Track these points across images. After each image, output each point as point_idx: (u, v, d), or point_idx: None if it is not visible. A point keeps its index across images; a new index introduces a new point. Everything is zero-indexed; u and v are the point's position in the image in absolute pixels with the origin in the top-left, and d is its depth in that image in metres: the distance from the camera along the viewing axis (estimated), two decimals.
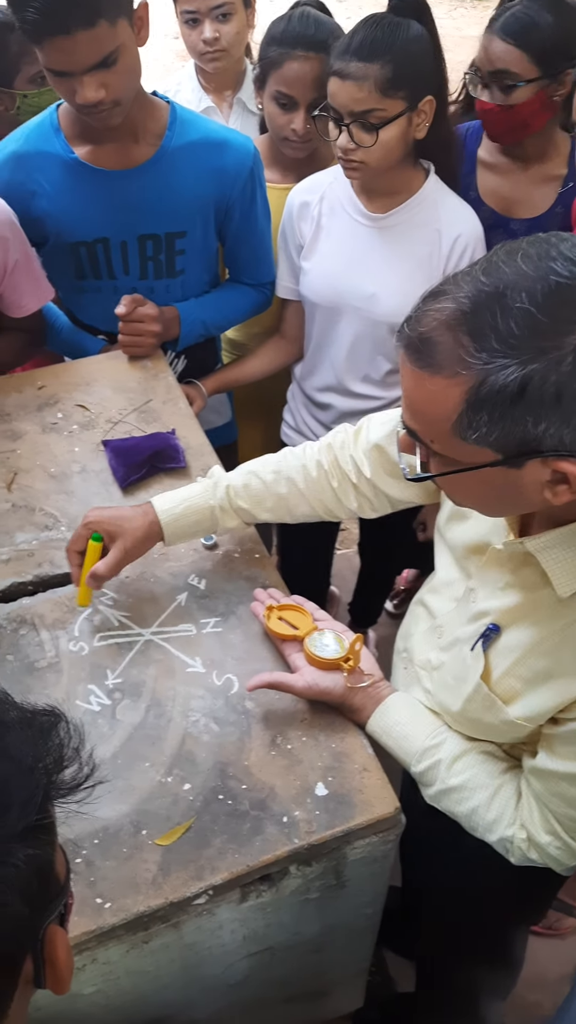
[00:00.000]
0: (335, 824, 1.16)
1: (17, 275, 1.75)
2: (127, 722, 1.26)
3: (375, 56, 1.58)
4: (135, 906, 1.08)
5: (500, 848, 1.18)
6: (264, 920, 1.22)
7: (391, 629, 2.92)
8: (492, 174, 1.99)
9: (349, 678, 1.25)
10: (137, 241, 1.83)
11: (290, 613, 1.34)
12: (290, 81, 1.87)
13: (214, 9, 2.15)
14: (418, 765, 1.22)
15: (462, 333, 0.86)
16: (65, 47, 1.46)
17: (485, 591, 1.14)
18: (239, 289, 2.03)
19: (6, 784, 0.61)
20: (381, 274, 1.82)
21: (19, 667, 1.33)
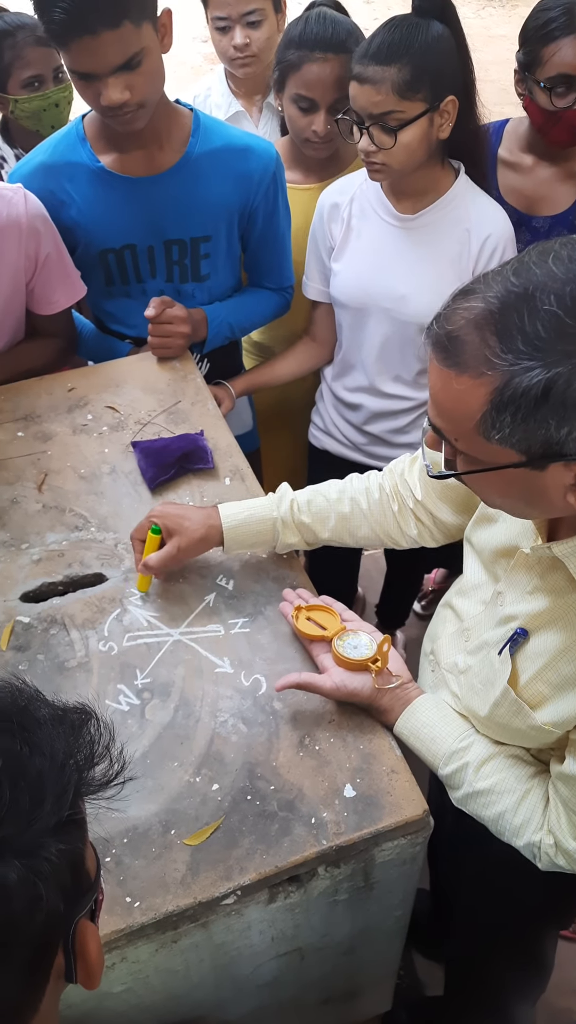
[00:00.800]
0: (364, 826, 1.16)
1: (49, 269, 1.76)
2: (156, 722, 1.27)
3: (392, 59, 1.58)
4: (164, 905, 1.09)
5: (527, 853, 1.17)
6: (293, 921, 1.22)
7: (419, 630, 2.91)
8: (513, 173, 1.98)
9: (377, 679, 1.25)
10: (163, 246, 1.84)
11: (318, 613, 1.34)
12: (310, 83, 1.87)
13: (245, 15, 2.15)
14: (446, 768, 1.21)
15: (489, 333, 0.86)
16: (91, 47, 1.48)
17: (513, 595, 1.13)
18: (261, 293, 2.05)
19: (39, 779, 0.61)
20: (411, 275, 1.82)
21: (49, 666, 1.34)
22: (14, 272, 1.72)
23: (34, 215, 1.69)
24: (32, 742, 0.63)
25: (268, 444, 2.39)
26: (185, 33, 6.14)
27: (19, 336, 1.86)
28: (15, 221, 1.66)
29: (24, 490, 1.61)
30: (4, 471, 1.65)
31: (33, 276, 1.76)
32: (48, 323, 1.86)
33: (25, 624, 1.40)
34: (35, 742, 0.63)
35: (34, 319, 1.85)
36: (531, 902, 1.40)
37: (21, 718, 0.65)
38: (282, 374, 2.12)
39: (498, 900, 1.44)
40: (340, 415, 2.11)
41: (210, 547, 1.42)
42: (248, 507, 1.42)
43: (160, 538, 1.39)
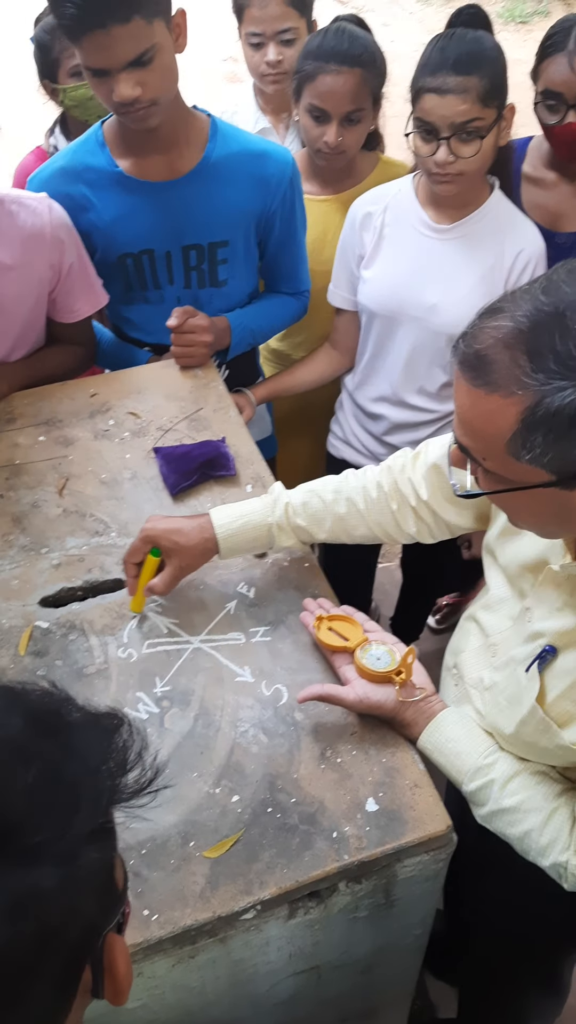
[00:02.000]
0: (386, 841, 1.13)
1: (72, 278, 1.76)
2: (175, 731, 1.25)
3: (473, 68, 1.61)
4: (183, 919, 1.06)
5: (553, 873, 1.14)
6: (312, 938, 1.19)
7: (433, 644, 2.88)
8: (537, 188, 1.98)
9: (401, 692, 1.23)
10: (181, 251, 1.84)
11: (340, 624, 1.32)
12: (323, 94, 1.89)
13: (279, 33, 2.17)
14: (470, 784, 1.19)
15: (520, 352, 0.85)
16: (102, 43, 1.49)
17: (541, 611, 1.11)
18: (279, 298, 2.05)
19: (75, 784, 0.60)
20: (443, 285, 1.81)
21: (68, 672, 1.32)
22: (38, 281, 1.72)
23: (58, 225, 1.69)
24: (67, 746, 0.61)
25: (285, 451, 2.38)
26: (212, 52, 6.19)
27: (40, 344, 1.86)
28: (39, 231, 1.66)
29: (45, 494, 1.60)
30: (25, 475, 1.64)
31: (56, 285, 1.75)
32: (69, 331, 1.86)
33: (44, 629, 1.38)
34: (70, 746, 0.61)
35: (54, 327, 1.85)
36: (551, 924, 1.37)
37: (55, 721, 0.63)
38: (303, 381, 2.12)
39: (519, 921, 1.41)
40: (360, 425, 2.10)
41: (210, 558, 1.39)
42: (241, 513, 1.39)
43: (160, 560, 1.36)
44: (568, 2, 7.51)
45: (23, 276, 1.68)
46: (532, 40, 1.88)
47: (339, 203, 2.06)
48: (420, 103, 1.66)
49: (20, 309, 1.73)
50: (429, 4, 7.70)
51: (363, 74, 1.87)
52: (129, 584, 1.38)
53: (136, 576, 1.37)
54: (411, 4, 7.73)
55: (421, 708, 1.23)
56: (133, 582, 1.37)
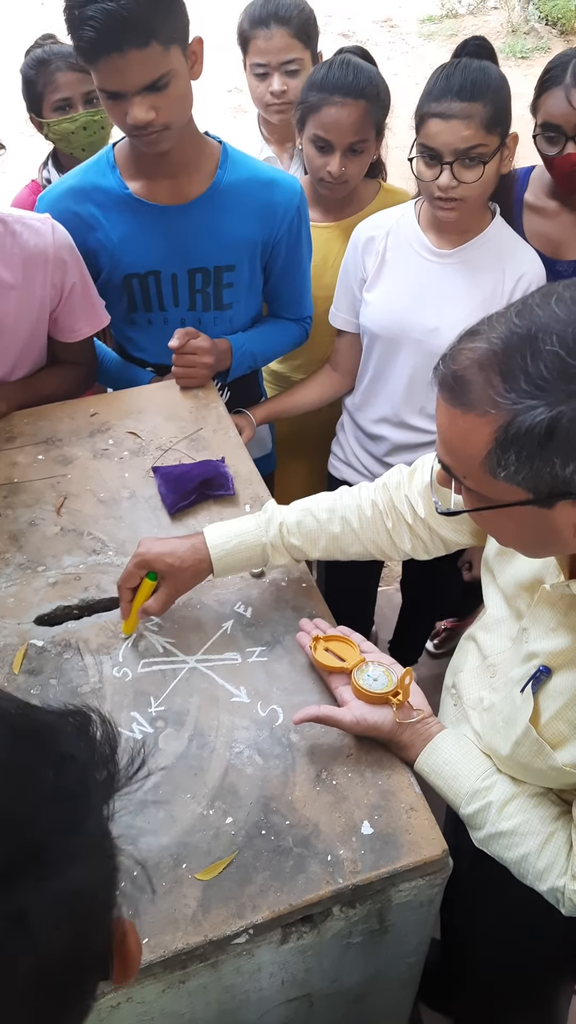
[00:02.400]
0: (381, 865, 1.12)
1: (74, 299, 1.77)
2: (169, 751, 1.24)
3: (477, 96, 1.63)
4: (174, 943, 1.05)
5: (551, 898, 1.13)
6: (304, 964, 1.17)
7: (432, 669, 2.87)
8: (539, 217, 2.00)
9: (398, 713, 1.22)
10: (187, 274, 1.85)
11: (337, 644, 1.32)
12: (327, 125, 1.91)
13: (284, 64, 2.20)
14: (467, 807, 1.18)
15: (493, 373, 0.87)
16: (118, 66, 1.50)
17: (537, 631, 1.11)
18: (282, 323, 2.06)
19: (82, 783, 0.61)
20: (444, 308, 1.83)
21: (62, 691, 1.31)
22: (40, 301, 1.73)
23: (61, 245, 1.70)
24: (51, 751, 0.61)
25: (284, 472, 2.38)
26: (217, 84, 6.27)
27: (41, 363, 1.86)
28: (42, 251, 1.68)
29: (43, 512, 1.60)
30: (23, 493, 1.63)
31: (58, 305, 1.76)
32: (70, 351, 1.87)
33: (39, 648, 1.38)
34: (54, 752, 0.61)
35: (56, 346, 1.86)
36: (548, 952, 1.35)
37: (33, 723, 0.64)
38: (303, 403, 2.13)
39: (513, 950, 1.39)
40: (361, 446, 2.10)
41: (203, 579, 1.38)
42: (235, 533, 1.38)
43: (154, 583, 1.35)
44: (568, 38, 7.64)
45: (24, 295, 1.69)
46: (532, 75, 1.92)
47: (341, 230, 2.09)
48: (424, 128, 1.69)
49: (21, 328, 1.74)
50: (431, 39, 7.84)
51: (367, 106, 1.90)
52: (123, 608, 1.37)
53: (131, 600, 1.36)
54: (413, 39, 7.87)
55: (418, 730, 1.23)
56: (127, 606, 1.36)
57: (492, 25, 7.92)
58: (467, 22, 8.06)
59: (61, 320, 1.79)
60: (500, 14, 8.04)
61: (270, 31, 2.17)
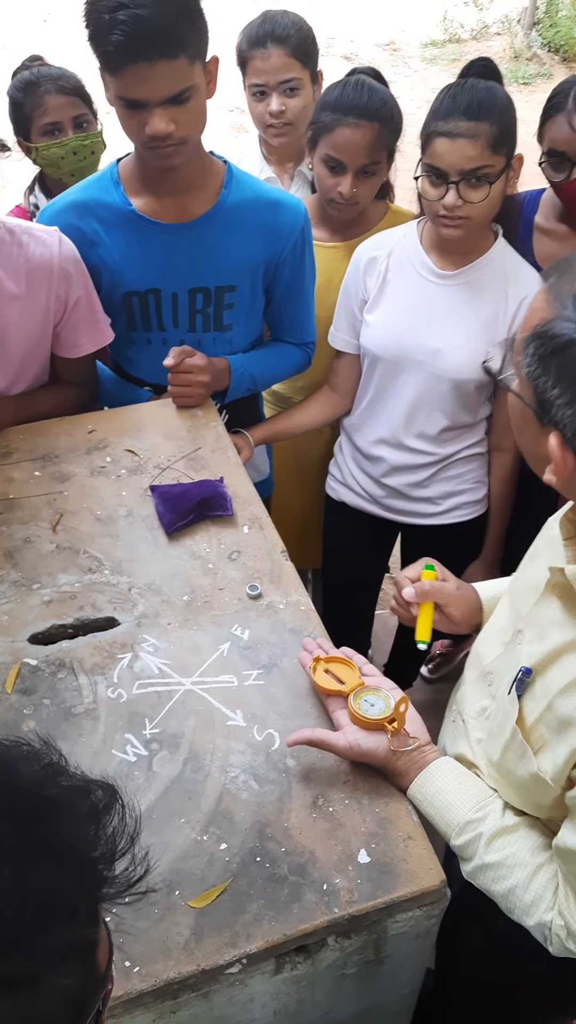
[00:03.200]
0: (377, 895, 1.10)
1: (78, 313, 1.76)
2: (164, 775, 1.22)
3: (483, 116, 1.64)
4: (165, 972, 1.03)
5: (538, 935, 1.10)
6: (297, 995, 1.15)
7: (426, 694, 2.85)
8: (549, 240, 2.01)
9: (393, 740, 1.20)
10: (188, 294, 1.85)
11: (337, 666, 1.30)
12: (340, 146, 1.91)
13: (282, 84, 2.20)
14: (458, 838, 1.16)
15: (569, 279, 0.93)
16: (145, 76, 1.49)
17: (531, 632, 1.11)
18: (283, 347, 2.05)
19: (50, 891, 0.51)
20: (447, 330, 1.83)
21: (56, 712, 1.30)
22: (43, 313, 1.72)
23: (67, 258, 1.70)
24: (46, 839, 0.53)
25: (281, 495, 2.37)
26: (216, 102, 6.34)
27: (43, 379, 1.85)
28: (47, 263, 1.67)
29: (38, 530, 1.58)
30: (19, 510, 1.62)
31: (62, 319, 1.76)
32: (71, 368, 1.86)
33: (32, 667, 1.36)
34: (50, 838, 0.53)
35: (57, 363, 1.85)
36: (537, 987, 1.32)
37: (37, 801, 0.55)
38: (301, 424, 2.12)
39: (502, 983, 1.37)
40: (359, 467, 2.10)
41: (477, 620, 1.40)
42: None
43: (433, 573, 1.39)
44: (570, 64, 7.72)
45: (28, 306, 1.69)
46: (535, 101, 1.94)
47: (347, 250, 2.08)
48: (431, 147, 1.69)
49: (23, 340, 1.73)
50: (434, 63, 7.92)
51: (380, 128, 1.90)
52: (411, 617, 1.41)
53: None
54: (416, 63, 7.94)
55: (413, 758, 1.21)
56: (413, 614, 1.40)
57: (495, 51, 8.00)
58: (470, 47, 8.15)
59: (64, 335, 1.78)
60: (503, 40, 8.13)
61: (267, 51, 2.17)
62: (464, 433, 1.98)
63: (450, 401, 1.90)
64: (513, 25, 8.17)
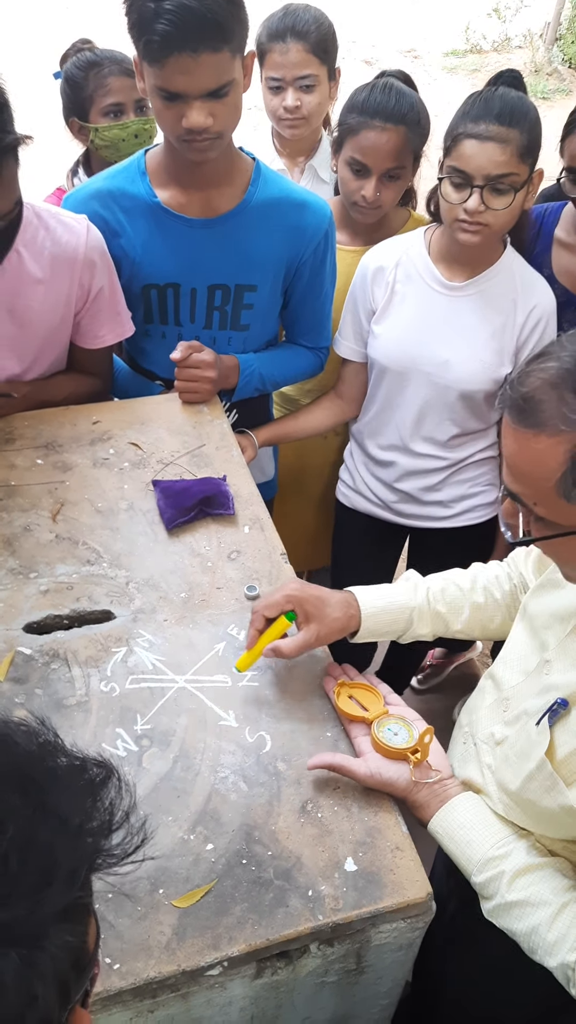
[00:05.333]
0: (363, 904, 1.09)
1: (100, 303, 1.75)
2: (153, 772, 1.21)
3: (515, 122, 1.63)
4: (145, 971, 1.02)
5: (560, 976, 1.07)
6: (276, 1000, 1.14)
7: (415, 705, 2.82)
8: (568, 254, 2.00)
9: (415, 772, 1.19)
10: (207, 290, 1.83)
11: (361, 692, 1.30)
12: (365, 149, 1.90)
13: (299, 79, 2.19)
14: (479, 875, 1.14)
15: (566, 391, 0.86)
16: (188, 67, 1.47)
17: (562, 663, 1.09)
18: (297, 350, 2.03)
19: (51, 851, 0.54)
20: (455, 341, 1.82)
21: (47, 702, 1.29)
22: (65, 299, 1.71)
23: (93, 247, 1.69)
24: (46, 804, 0.55)
25: (286, 499, 2.37)
26: None
27: (60, 367, 1.84)
28: (73, 250, 1.66)
29: (38, 518, 1.57)
30: (20, 497, 1.61)
31: (83, 308, 1.75)
32: (89, 359, 1.85)
33: (26, 656, 1.35)
34: (49, 804, 0.56)
35: (76, 353, 1.84)
36: (524, 1009, 1.31)
37: (37, 771, 0.57)
38: (306, 427, 2.11)
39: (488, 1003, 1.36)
40: (371, 473, 2.09)
41: (344, 635, 1.34)
42: (383, 594, 1.36)
43: (291, 624, 1.30)
44: None
45: (50, 291, 1.68)
46: (552, 117, 1.93)
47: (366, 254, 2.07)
48: (458, 149, 1.67)
49: (43, 324, 1.71)
50: (454, 73, 7.92)
51: (407, 132, 1.88)
52: (251, 637, 1.31)
53: (261, 631, 1.30)
54: (436, 71, 7.94)
55: (435, 791, 1.19)
56: (256, 636, 1.30)
57: (515, 64, 8.00)
58: (491, 58, 8.15)
59: (84, 324, 1.77)
60: (524, 53, 8.14)
61: (287, 45, 2.16)
62: (475, 438, 1.98)
63: (459, 410, 1.89)
64: (535, 39, 8.17)
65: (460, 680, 2.90)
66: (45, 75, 2.11)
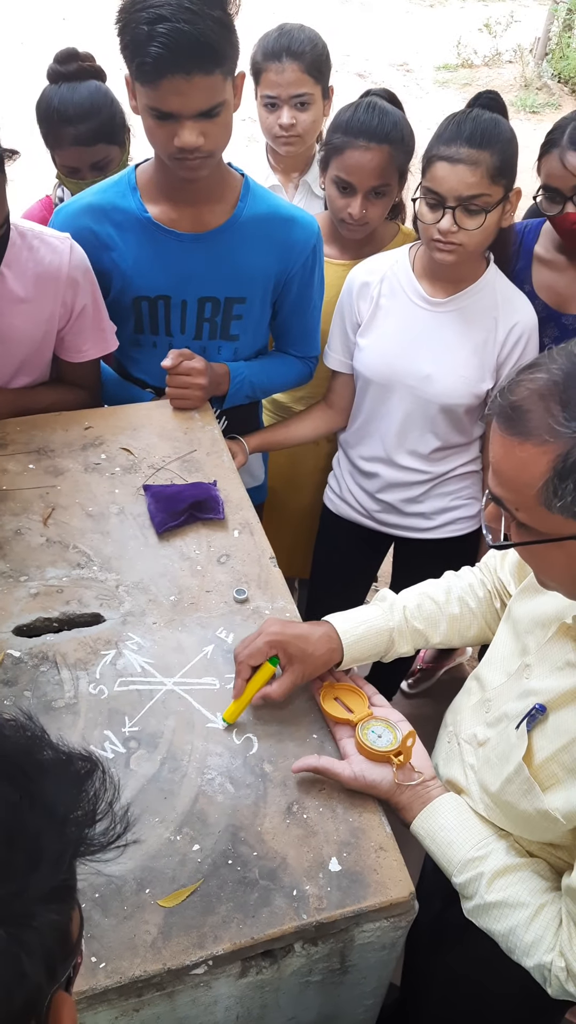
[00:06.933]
0: (346, 903, 1.11)
1: (83, 321, 1.77)
2: (140, 773, 1.22)
3: (486, 144, 1.65)
4: (131, 969, 1.03)
5: (537, 976, 1.10)
6: (261, 1000, 1.15)
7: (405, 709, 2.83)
8: (548, 270, 2.03)
9: (398, 774, 1.20)
10: (197, 302, 1.86)
11: (346, 694, 1.31)
12: (350, 168, 1.93)
13: (294, 97, 2.22)
14: (459, 876, 1.16)
15: (553, 402, 0.88)
16: (181, 88, 1.49)
17: (541, 669, 1.11)
18: (286, 359, 2.06)
19: (37, 837, 0.56)
20: (437, 356, 1.85)
21: (36, 704, 1.30)
22: (48, 317, 1.72)
23: (76, 266, 1.70)
24: (33, 793, 0.58)
25: (276, 503, 2.38)
26: None
27: (43, 379, 1.86)
28: (56, 268, 1.68)
29: (29, 522, 1.59)
30: (11, 501, 1.62)
31: (66, 325, 1.76)
32: (74, 371, 1.87)
33: (15, 658, 1.36)
34: (36, 793, 0.58)
35: (61, 365, 1.85)
36: (509, 1007, 1.33)
37: (24, 762, 0.60)
38: (296, 436, 2.14)
39: (473, 1000, 1.37)
40: (355, 482, 2.12)
41: (329, 667, 1.34)
42: (362, 620, 1.36)
43: (275, 668, 1.30)
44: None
45: (33, 310, 1.69)
46: (542, 129, 1.96)
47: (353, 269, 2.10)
48: (431, 171, 1.71)
49: (25, 341, 1.73)
50: (446, 87, 7.99)
51: (391, 150, 1.91)
52: (237, 687, 1.30)
53: (247, 679, 1.29)
54: (428, 85, 8.01)
55: (418, 792, 1.21)
56: (243, 685, 1.29)
57: (506, 78, 8.09)
58: (482, 73, 8.23)
59: (68, 340, 1.79)
60: (514, 68, 8.22)
61: (282, 64, 2.19)
62: (457, 452, 2.00)
63: (440, 423, 1.92)
64: (525, 54, 8.25)
65: (450, 684, 2.92)
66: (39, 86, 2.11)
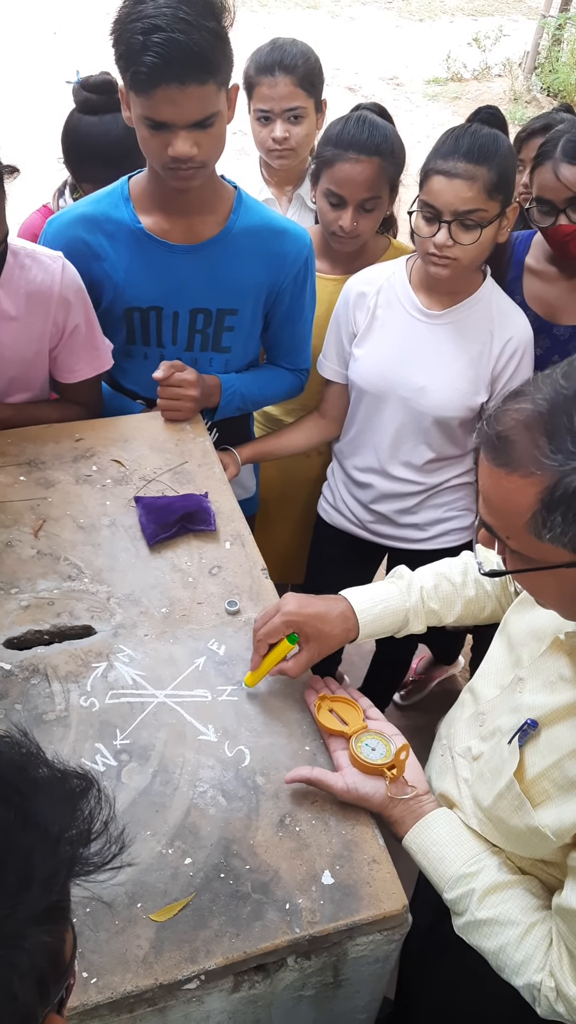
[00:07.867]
0: (339, 917, 1.10)
1: (75, 340, 1.77)
2: (132, 786, 1.22)
3: (484, 160, 1.66)
4: (123, 985, 1.02)
5: (527, 995, 1.09)
6: (254, 1015, 1.15)
7: (398, 721, 2.84)
8: (539, 281, 2.04)
9: (391, 787, 1.20)
10: (189, 314, 1.86)
11: (341, 706, 1.31)
12: (340, 181, 1.94)
13: (287, 111, 2.23)
14: (450, 892, 1.15)
15: (539, 434, 0.88)
16: (175, 98, 1.50)
17: (534, 683, 1.11)
18: (277, 371, 2.06)
19: (29, 856, 0.56)
20: (432, 368, 1.86)
21: (27, 717, 1.29)
22: (39, 336, 1.72)
23: (68, 286, 1.70)
24: (26, 811, 0.57)
25: (265, 512, 2.38)
26: None
27: (42, 396, 1.86)
28: (48, 288, 1.68)
29: (20, 535, 1.58)
30: (1, 514, 1.62)
31: (58, 344, 1.76)
32: (72, 390, 1.87)
33: (6, 671, 1.35)
34: (29, 811, 0.57)
35: (60, 385, 1.86)
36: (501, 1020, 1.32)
37: (18, 779, 0.59)
38: (289, 446, 2.14)
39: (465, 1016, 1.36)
40: (349, 492, 2.12)
41: (344, 644, 1.37)
42: (379, 598, 1.37)
43: (293, 646, 1.32)
44: None
45: (24, 328, 1.69)
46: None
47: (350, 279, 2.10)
48: (428, 185, 1.71)
49: (15, 360, 1.73)
50: (435, 100, 8.04)
51: (381, 163, 1.92)
52: (255, 661, 1.33)
53: (265, 654, 1.32)
54: (418, 98, 8.06)
55: (410, 807, 1.20)
56: (259, 659, 1.32)
57: (495, 91, 8.15)
58: (471, 87, 8.29)
59: (60, 359, 1.79)
60: (504, 82, 8.28)
61: (275, 79, 2.20)
62: (451, 464, 2.01)
63: (434, 435, 1.93)
64: (514, 68, 8.31)
65: (442, 696, 2.92)
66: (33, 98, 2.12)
